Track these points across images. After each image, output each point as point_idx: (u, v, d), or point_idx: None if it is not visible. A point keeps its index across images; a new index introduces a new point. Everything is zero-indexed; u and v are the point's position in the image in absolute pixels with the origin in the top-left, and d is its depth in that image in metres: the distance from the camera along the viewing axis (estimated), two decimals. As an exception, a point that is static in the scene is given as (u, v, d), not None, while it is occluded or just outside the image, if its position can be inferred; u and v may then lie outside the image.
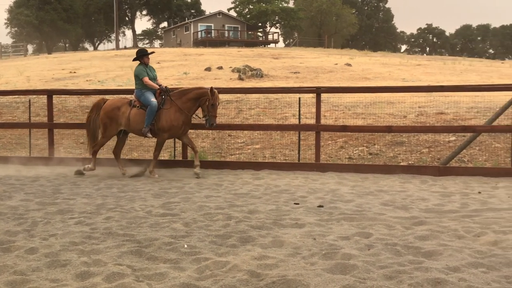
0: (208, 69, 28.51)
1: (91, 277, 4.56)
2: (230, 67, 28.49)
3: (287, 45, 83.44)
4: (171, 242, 5.58)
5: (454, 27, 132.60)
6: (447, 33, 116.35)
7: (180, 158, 11.70)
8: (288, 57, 38.35)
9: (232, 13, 78.84)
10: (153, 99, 10.33)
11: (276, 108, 16.11)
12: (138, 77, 10.53)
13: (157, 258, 5.10)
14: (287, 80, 24.14)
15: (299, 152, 11.68)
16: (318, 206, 7.41)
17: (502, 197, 7.99)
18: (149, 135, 10.46)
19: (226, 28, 74.62)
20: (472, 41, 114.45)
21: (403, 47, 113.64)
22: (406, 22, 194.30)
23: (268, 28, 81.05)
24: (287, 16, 77.76)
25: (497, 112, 10.87)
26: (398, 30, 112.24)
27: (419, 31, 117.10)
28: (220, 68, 28.81)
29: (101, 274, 4.59)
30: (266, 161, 12.04)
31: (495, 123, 10.84)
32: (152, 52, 11.00)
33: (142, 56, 10.62)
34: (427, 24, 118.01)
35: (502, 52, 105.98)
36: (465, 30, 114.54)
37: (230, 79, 25.10)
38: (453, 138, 12.83)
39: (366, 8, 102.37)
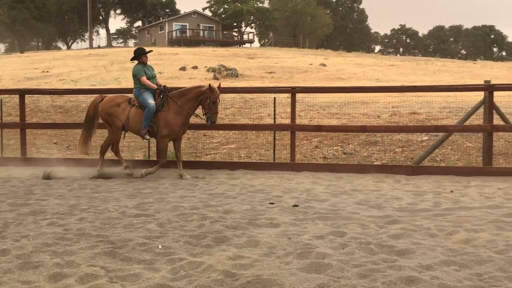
0: (183, 68, 28.38)
1: (64, 278, 4.51)
2: (205, 67, 28.41)
3: (262, 45, 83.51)
4: (145, 242, 5.55)
5: (427, 28, 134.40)
6: (420, 34, 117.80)
7: (155, 158, 11.61)
8: (263, 57, 38.39)
9: (207, 12, 78.63)
10: (151, 101, 10.11)
11: (251, 108, 16.11)
12: (136, 77, 10.33)
13: (131, 259, 5.07)
14: (263, 80, 24.18)
15: (274, 152, 11.71)
16: (293, 206, 7.44)
17: (474, 195, 8.12)
18: (147, 137, 10.27)
19: (201, 28, 74.36)
20: (445, 42, 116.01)
21: (377, 48, 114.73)
22: (380, 23, 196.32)
23: (243, 28, 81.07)
24: (262, 16, 77.83)
25: (468, 112, 11.03)
26: (372, 31, 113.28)
27: (392, 31, 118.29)
28: (195, 67, 28.71)
29: (74, 276, 4.54)
30: (242, 161, 12.04)
31: (466, 123, 11.01)
32: (151, 51, 10.80)
33: (140, 55, 10.43)
34: (400, 25, 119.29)
35: (474, 52, 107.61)
36: (438, 31, 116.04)
37: (205, 78, 25.03)
38: (426, 137, 12.99)
39: (340, 8, 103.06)
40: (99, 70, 28.32)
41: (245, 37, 79.52)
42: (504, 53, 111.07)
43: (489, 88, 10.38)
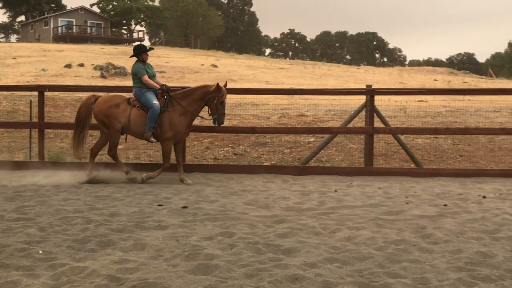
0: (68, 66, 27.32)
1: None
2: (92, 65, 27.53)
3: (153, 44, 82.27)
4: (25, 248, 5.26)
5: (315, 33, 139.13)
6: (308, 39, 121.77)
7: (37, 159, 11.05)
8: (153, 56, 37.80)
9: (95, 9, 76.23)
10: (155, 101, 9.42)
11: (140, 108, 15.79)
12: (136, 76, 9.61)
13: (9, 265, 4.79)
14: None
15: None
16: (182, 207, 7.37)
17: (356, 195, 8.48)
18: (153, 139, 9.56)
19: (88, 24, 71.93)
20: (331, 47, 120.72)
21: (267, 51, 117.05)
22: (270, 26, 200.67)
23: (133, 26, 79.44)
24: (153, 15, 76.73)
25: (351, 114, 11.51)
26: (263, 34, 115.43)
27: (282, 35, 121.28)
28: (81, 65, 27.74)
29: None
30: (130, 162, 11.74)
31: (350, 125, 11.48)
32: (152, 49, 10.15)
33: (140, 52, 9.76)
34: (289, 29, 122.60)
35: (358, 58, 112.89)
36: (325, 36, 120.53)
37: (92, 76, 24.27)
38: (313, 139, 13.41)
39: (232, 10, 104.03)
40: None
41: (135, 35, 77.98)
42: (385, 59, 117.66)
43: (370, 92, 10.89)
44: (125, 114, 9.52)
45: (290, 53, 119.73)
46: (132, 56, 9.93)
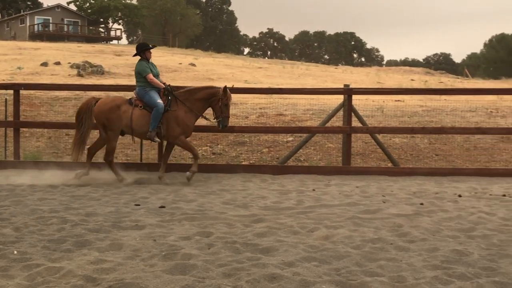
0: (44, 64, 26.99)
1: None
2: (69, 63, 27.25)
3: (130, 43, 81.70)
4: (-1, 248, 5.18)
5: (293, 32, 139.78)
6: (286, 38, 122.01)
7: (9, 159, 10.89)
8: (131, 54, 37.49)
9: (72, 7, 75.38)
10: (160, 100, 9.28)
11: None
12: (141, 74, 9.42)
13: (-18, 267, 4.70)
14: (130, 78, 23.56)
15: (141, 152, 11.46)
16: (159, 207, 7.32)
17: (334, 194, 8.52)
18: (157, 139, 9.43)
19: (65, 22, 71.14)
20: (309, 47, 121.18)
21: (246, 50, 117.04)
22: (249, 26, 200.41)
23: (111, 24, 78.79)
24: (130, 13, 76.18)
25: (329, 114, 11.57)
26: (241, 33, 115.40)
27: (261, 35, 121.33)
28: (58, 63, 27.43)
29: None
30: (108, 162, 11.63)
31: (328, 125, 11.53)
32: (154, 46, 9.98)
33: (144, 50, 9.58)
34: (268, 28, 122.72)
35: (336, 58, 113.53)
36: (303, 36, 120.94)
37: (69, 75, 24.02)
38: (291, 138, 13.44)
39: (210, 9, 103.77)
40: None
41: (112, 33, 77.36)
42: (363, 59, 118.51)
43: (348, 92, 10.94)
44: (127, 115, 9.37)
45: (269, 52, 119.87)
46: (135, 55, 9.78)
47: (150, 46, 9.82)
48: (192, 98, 9.55)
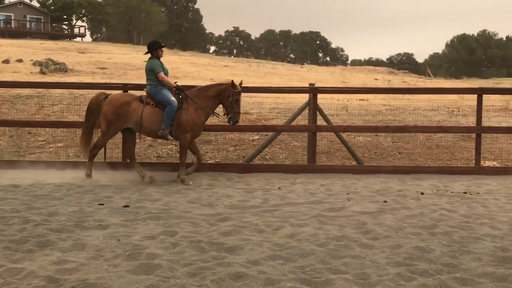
0: (6, 61, 26.37)
1: None
2: (31, 60, 26.69)
3: (94, 40, 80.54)
4: (-43, 250, 5.05)
5: (259, 31, 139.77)
6: (252, 37, 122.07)
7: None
8: (95, 52, 37.06)
9: (35, 3, 73.86)
10: (173, 98, 9.19)
11: (81, 105, 15.39)
12: (152, 72, 9.30)
13: None
14: (94, 76, 23.26)
15: (105, 151, 11.29)
16: (124, 206, 7.25)
17: (299, 192, 8.57)
18: (170, 137, 9.32)
19: (28, 19, 69.63)
20: (275, 46, 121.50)
21: (212, 48, 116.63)
22: (215, 24, 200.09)
23: (74, 21, 77.50)
24: (95, 10, 75.04)
25: (295, 112, 11.62)
26: (207, 31, 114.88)
27: (226, 33, 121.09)
28: (19, 60, 26.84)
29: None
30: (70, 160, 11.46)
31: (293, 123, 11.58)
32: (165, 46, 9.81)
33: (155, 48, 9.45)
34: (234, 27, 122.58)
35: (302, 57, 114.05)
36: (269, 35, 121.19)
37: (31, 72, 23.54)
38: (257, 137, 13.46)
39: (175, 7, 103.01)
40: None
41: (76, 30, 76.09)
42: (328, 58, 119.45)
43: (313, 91, 11.02)
44: (137, 112, 9.30)
45: (235, 51, 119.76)
46: (147, 53, 9.68)
47: (162, 44, 9.78)
48: (203, 96, 9.56)
